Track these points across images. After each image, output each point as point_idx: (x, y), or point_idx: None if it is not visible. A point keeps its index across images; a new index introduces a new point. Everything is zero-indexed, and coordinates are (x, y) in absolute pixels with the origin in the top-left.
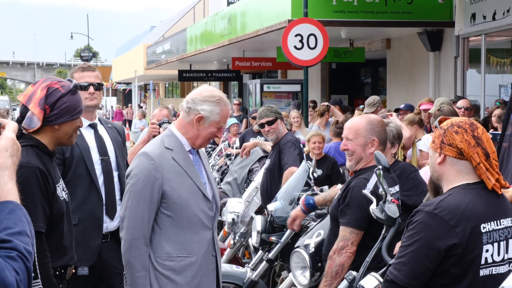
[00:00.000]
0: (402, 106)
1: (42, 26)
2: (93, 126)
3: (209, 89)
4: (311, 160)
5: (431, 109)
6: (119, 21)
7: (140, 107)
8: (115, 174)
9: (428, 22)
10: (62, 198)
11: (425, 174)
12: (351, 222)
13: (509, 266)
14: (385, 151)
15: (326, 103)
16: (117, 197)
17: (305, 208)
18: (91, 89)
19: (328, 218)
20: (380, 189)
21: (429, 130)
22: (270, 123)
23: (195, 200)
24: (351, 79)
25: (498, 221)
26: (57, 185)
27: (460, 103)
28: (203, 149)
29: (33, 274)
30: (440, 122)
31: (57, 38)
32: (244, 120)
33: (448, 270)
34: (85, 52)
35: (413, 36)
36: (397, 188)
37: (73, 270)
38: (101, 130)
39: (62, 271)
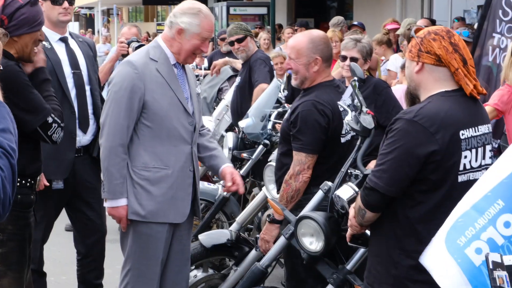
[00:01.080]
0: (355, 23)
1: None
2: (64, 40)
3: (190, 2)
4: None
5: (399, 30)
6: None
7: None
8: (87, 88)
9: None
10: None
11: (395, 91)
12: (306, 147)
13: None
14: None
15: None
16: (90, 111)
17: None
18: (66, 3)
19: None
20: (356, 100)
21: (395, 50)
22: (240, 40)
23: (176, 113)
24: (317, 2)
25: (476, 128)
26: None
27: (419, 22)
28: (190, 66)
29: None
30: (416, 32)
31: None
32: (210, 43)
33: (427, 177)
34: None
35: None
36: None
37: (47, 184)
38: (72, 44)
39: (32, 182)
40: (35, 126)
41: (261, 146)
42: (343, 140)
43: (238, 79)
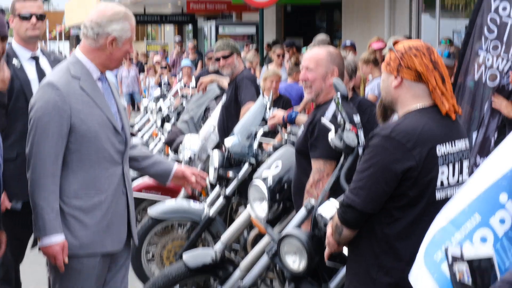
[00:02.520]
0: (347, 43)
1: None
2: (34, 58)
3: (109, 7)
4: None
5: (384, 50)
6: None
7: None
8: None
9: None
10: None
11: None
12: (324, 154)
13: None
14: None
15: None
16: None
17: (286, 117)
18: (33, 19)
19: (285, 149)
20: (339, 117)
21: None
22: (225, 57)
23: (105, 133)
24: (306, 22)
25: (453, 143)
26: None
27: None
28: (112, 78)
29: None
30: (394, 44)
31: None
32: (199, 63)
33: (404, 193)
34: None
35: None
36: (358, 117)
37: (8, 205)
38: (43, 62)
39: None
40: None
41: (247, 165)
42: None
43: (224, 98)
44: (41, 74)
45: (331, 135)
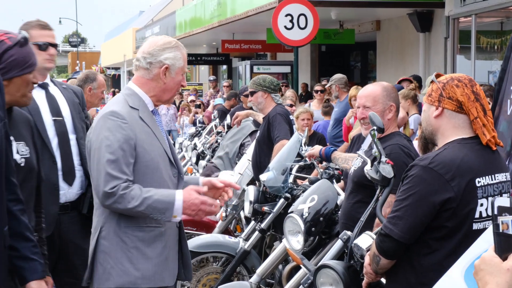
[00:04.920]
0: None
1: (30, 11)
2: (43, 86)
3: (160, 37)
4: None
5: (423, 90)
6: (108, 6)
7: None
8: (72, 136)
9: (418, 3)
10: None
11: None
12: (395, 189)
13: None
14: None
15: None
16: (76, 161)
17: (323, 152)
18: (52, 50)
19: (321, 183)
20: (374, 150)
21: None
22: (251, 93)
23: (164, 165)
24: (341, 61)
25: (493, 176)
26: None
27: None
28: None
29: None
30: (437, 77)
31: None
32: (233, 99)
33: (442, 224)
34: (74, 38)
35: (403, 17)
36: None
37: None
38: (53, 90)
39: None
40: None
41: (282, 200)
42: None
43: (258, 133)
44: (51, 101)
45: (367, 168)
